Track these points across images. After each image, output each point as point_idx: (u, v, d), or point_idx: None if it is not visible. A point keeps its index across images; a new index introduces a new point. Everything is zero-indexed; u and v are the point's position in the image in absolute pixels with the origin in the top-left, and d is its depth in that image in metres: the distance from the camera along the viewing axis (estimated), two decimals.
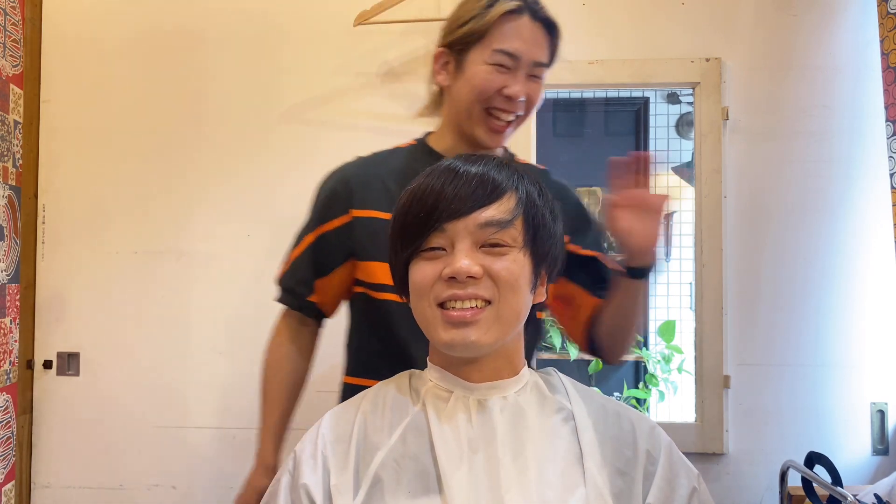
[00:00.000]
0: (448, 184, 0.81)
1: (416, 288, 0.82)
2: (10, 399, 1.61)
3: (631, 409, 0.89)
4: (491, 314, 0.80)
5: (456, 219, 0.79)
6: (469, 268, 0.78)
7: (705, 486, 0.86)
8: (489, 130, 1.05)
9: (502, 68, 1.02)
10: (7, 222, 1.60)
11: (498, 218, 0.80)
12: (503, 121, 1.05)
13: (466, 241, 0.80)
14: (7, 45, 1.61)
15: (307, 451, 0.85)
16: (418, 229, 0.81)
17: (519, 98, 1.01)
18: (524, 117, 1.06)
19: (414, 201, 0.83)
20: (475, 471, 0.78)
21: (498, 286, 0.80)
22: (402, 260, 0.84)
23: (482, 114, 1.04)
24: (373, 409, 0.87)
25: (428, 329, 0.83)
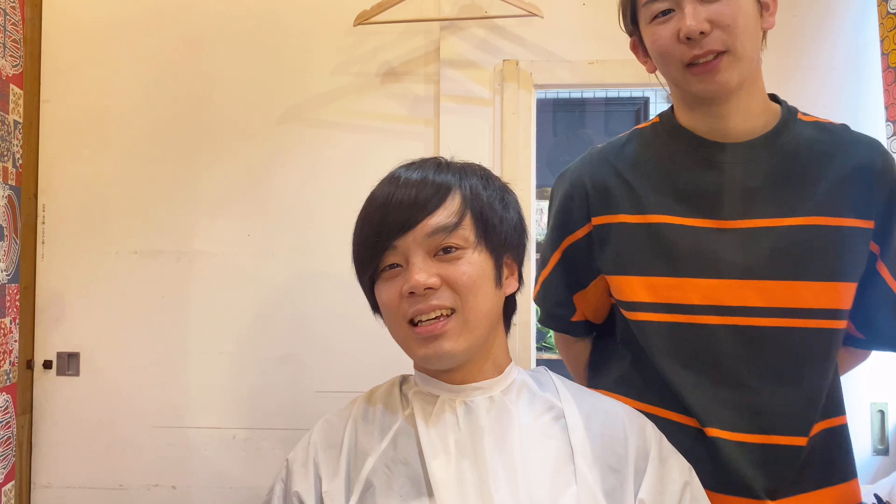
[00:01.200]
0: (391, 198, 0.81)
1: (385, 310, 0.84)
2: (10, 399, 1.61)
3: (622, 406, 0.89)
4: (457, 322, 0.80)
5: (403, 233, 0.80)
6: (425, 280, 0.78)
7: (698, 479, 0.86)
8: (700, 81, 0.87)
9: (662, 17, 0.88)
10: (7, 222, 1.60)
11: (444, 223, 0.80)
12: (702, 62, 0.86)
13: (419, 253, 0.80)
14: (7, 45, 1.61)
15: (298, 458, 0.85)
16: (371, 252, 0.82)
17: (698, 31, 0.83)
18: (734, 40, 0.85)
19: (363, 224, 0.84)
20: (464, 473, 0.78)
21: (458, 293, 0.80)
22: (367, 283, 0.86)
23: (683, 71, 0.88)
24: (363, 415, 0.87)
25: (405, 347, 0.84)
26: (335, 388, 1.67)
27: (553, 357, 3.00)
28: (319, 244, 1.68)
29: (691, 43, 0.85)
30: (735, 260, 0.90)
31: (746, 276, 0.89)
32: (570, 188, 1.03)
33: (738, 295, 0.89)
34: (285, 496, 0.84)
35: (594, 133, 3.32)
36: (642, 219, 0.95)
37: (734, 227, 0.90)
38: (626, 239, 0.96)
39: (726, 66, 0.85)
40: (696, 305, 0.91)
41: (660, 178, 0.95)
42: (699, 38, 0.84)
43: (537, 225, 2.78)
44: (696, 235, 0.92)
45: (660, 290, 0.93)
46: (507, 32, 1.68)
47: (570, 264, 1.05)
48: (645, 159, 0.98)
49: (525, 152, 1.66)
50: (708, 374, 0.92)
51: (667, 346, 0.94)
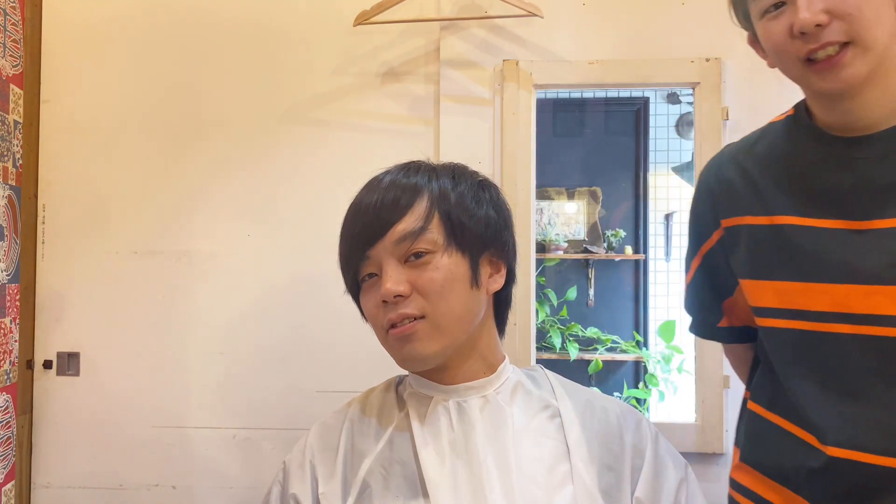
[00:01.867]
0: (360, 206, 0.85)
1: (368, 318, 0.87)
2: (10, 399, 1.62)
3: (617, 403, 0.90)
4: (426, 326, 0.81)
5: (374, 243, 0.82)
6: (393, 288, 0.80)
7: (694, 476, 0.86)
8: (823, 79, 0.78)
9: (775, 10, 0.79)
10: (7, 222, 1.60)
11: (410, 228, 0.80)
12: (822, 57, 0.77)
13: (391, 260, 0.81)
14: (7, 45, 1.61)
15: (295, 461, 0.86)
16: (350, 264, 0.86)
17: (814, 24, 0.74)
18: (860, 28, 0.75)
19: (342, 236, 0.88)
20: (458, 473, 0.78)
21: (427, 298, 0.80)
22: (353, 294, 0.89)
23: (803, 68, 0.79)
24: (360, 416, 0.88)
25: (388, 351, 0.87)
26: (335, 388, 1.67)
27: (553, 357, 3.01)
28: (319, 244, 1.67)
29: (806, 37, 0.76)
30: (866, 264, 0.80)
31: (879, 281, 0.80)
32: (698, 191, 0.99)
33: (869, 302, 0.80)
34: (282, 498, 0.84)
35: (594, 133, 3.32)
36: (769, 220, 0.88)
37: (866, 227, 0.81)
38: (754, 241, 0.90)
39: (852, 60, 0.75)
40: (824, 312, 0.83)
41: (787, 176, 0.88)
42: (816, 30, 0.75)
43: (537, 225, 2.78)
44: (825, 238, 0.84)
45: (786, 296, 0.87)
46: (507, 32, 1.68)
47: (712, 271, 0.99)
48: (773, 156, 0.91)
49: (525, 152, 1.66)
50: (833, 386, 0.83)
51: (791, 354, 0.88)
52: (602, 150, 3.33)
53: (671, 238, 3.32)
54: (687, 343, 2.93)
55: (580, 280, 3.29)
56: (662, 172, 3.33)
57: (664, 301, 3.31)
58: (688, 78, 1.65)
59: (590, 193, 3.35)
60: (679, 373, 2.89)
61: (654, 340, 3.18)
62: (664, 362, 2.97)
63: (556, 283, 3.24)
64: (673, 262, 3.31)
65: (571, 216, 3.34)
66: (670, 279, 3.31)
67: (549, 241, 3.21)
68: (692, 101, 1.69)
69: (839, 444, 0.81)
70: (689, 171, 2.98)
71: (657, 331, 3.09)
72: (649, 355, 3.06)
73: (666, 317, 3.20)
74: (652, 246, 3.29)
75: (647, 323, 3.28)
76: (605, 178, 3.32)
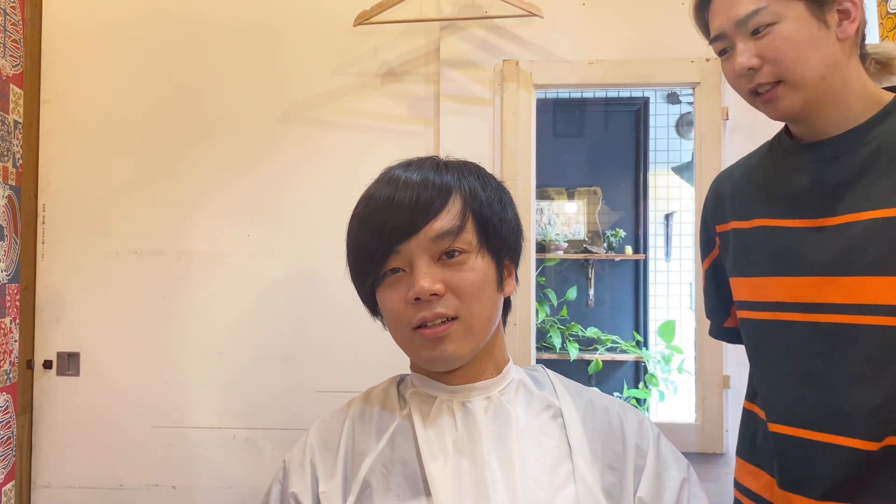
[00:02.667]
0: (392, 200, 0.80)
1: (389, 316, 0.83)
2: (10, 399, 1.62)
3: (619, 403, 0.90)
4: (460, 327, 0.80)
5: (407, 238, 0.78)
6: (430, 286, 0.77)
7: (696, 476, 0.86)
8: (766, 109, 0.92)
9: (725, 54, 0.93)
10: (7, 222, 1.60)
11: (448, 227, 0.79)
12: (762, 92, 0.90)
13: (423, 257, 0.79)
14: (7, 45, 1.61)
15: (295, 460, 0.85)
16: (373, 256, 0.80)
17: (747, 68, 0.88)
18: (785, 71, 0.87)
19: (362, 226, 0.82)
20: (461, 473, 0.78)
21: (461, 299, 0.79)
22: (367, 288, 0.85)
23: (752, 99, 0.93)
24: (360, 415, 0.87)
25: (409, 351, 0.84)
26: (335, 388, 1.67)
27: (553, 357, 3.01)
28: (320, 244, 1.68)
29: (747, 77, 0.90)
30: (817, 258, 0.90)
31: (826, 273, 0.89)
32: (703, 204, 1.12)
33: (818, 292, 0.90)
34: (282, 497, 0.84)
35: (594, 133, 3.32)
36: (749, 224, 1.00)
37: (820, 224, 0.91)
38: (738, 243, 1.02)
39: (784, 95, 0.88)
40: (782, 303, 0.93)
41: (765, 183, 1.00)
42: (750, 73, 0.89)
43: (537, 225, 2.77)
44: (788, 236, 0.94)
45: (756, 290, 0.98)
46: (507, 32, 1.68)
47: (718, 277, 1.11)
48: (757, 167, 1.03)
49: (525, 152, 1.66)
50: (786, 370, 0.93)
51: (756, 342, 1.00)
52: (602, 150, 3.33)
53: (671, 238, 3.32)
54: (687, 343, 2.93)
55: (580, 280, 3.29)
56: (662, 172, 3.33)
57: (664, 301, 3.31)
58: (688, 78, 1.65)
59: (590, 193, 3.35)
60: (679, 373, 2.89)
61: (654, 340, 3.18)
62: (664, 362, 2.97)
63: (556, 283, 3.24)
64: (673, 262, 3.31)
65: (571, 216, 3.34)
66: (670, 279, 3.31)
67: (549, 241, 3.21)
68: (692, 101, 1.69)
69: (781, 421, 0.92)
70: (689, 171, 2.98)
71: (657, 331, 3.09)
72: (649, 355, 3.06)
73: (666, 317, 3.21)
74: (652, 246, 3.29)
75: (647, 323, 3.28)
76: (605, 178, 3.32)
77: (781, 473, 0.92)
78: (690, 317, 2.87)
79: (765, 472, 0.97)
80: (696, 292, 1.68)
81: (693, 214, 1.69)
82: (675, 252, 3.31)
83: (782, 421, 0.92)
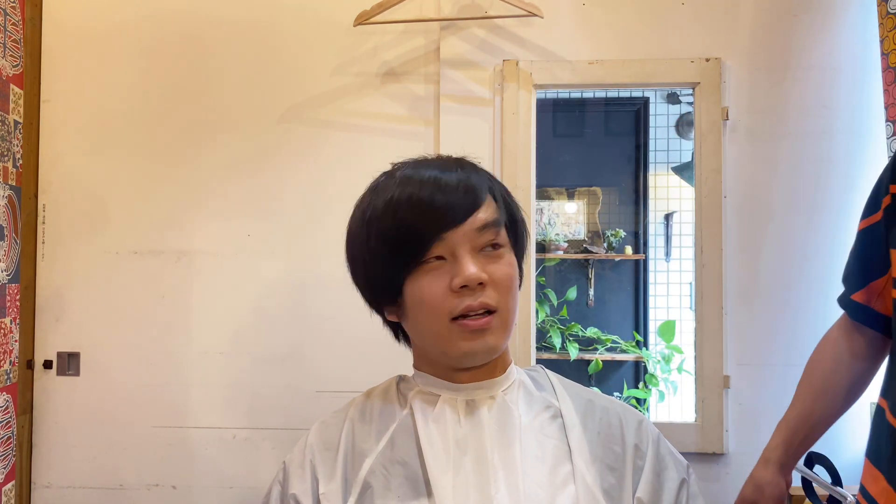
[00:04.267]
0: (437, 192, 0.78)
1: (424, 304, 0.79)
2: (10, 399, 1.62)
3: (618, 403, 0.90)
4: (499, 320, 0.80)
5: (455, 225, 0.78)
6: (478, 274, 0.77)
7: (695, 477, 0.86)
8: None
9: None
10: (7, 222, 1.60)
11: (493, 219, 0.79)
12: None
13: (466, 246, 0.78)
14: (7, 45, 1.61)
15: (295, 461, 0.85)
16: (418, 242, 0.78)
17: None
18: None
19: (403, 213, 0.78)
20: (464, 472, 0.78)
21: (499, 292, 0.79)
22: (397, 275, 0.80)
23: None
24: (360, 416, 0.87)
25: (440, 342, 0.80)
26: (335, 388, 1.67)
27: (553, 357, 3.01)
28: (320, 244, 1.68)
29: None
30: None
31: None
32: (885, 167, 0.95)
33: None
34: (282, 499, 0.84)
35: (594, 133, 3.32)
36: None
37: None
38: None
39: None
40: None
41: None
42: None
43: (537, 225, 2.78)
44: None
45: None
46: (507, 32, 1.68)
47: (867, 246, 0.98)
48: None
49: (525, 152, 1.66)
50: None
51: None
52: (602, 150, 3.33)
53: (671, 238, 3.32)
54: (687, 343, 2.93)
55: (580, 280, 3.29)
56: (662, 172, 3.33)
57: (664, 301, 3.31)
58: (688, 78, 1.65)
59: (590, 193, 3.35)
60: (679, 373, 2.90)
61: (654, 340, 3.18)
62: (664, 362, 2.97)
63: (556, 283, 3.24)
64: (673, 262, 3.31)
65: (571, 216, 3.34)
66: (670, 279, 3.31)
67: (549, 241, 3.22)
68: (692, 101, 1.69)
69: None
70: (689, 171, 2.98)
71: (657, 331, 3.10)
72: (649, 355, 3.06)
73: (666, 317, 3.21)
74: (652, 246, 3.29)
75: (647, 323, 3.28)
76: (605, 178, 3.33)
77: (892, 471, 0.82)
78: (690, 317, 2.87)
79: (883, 474, 0.89)
80: (696, 292, 1.68)
81: (693, 214, 1.69)
82: (675, 252, 3.31)
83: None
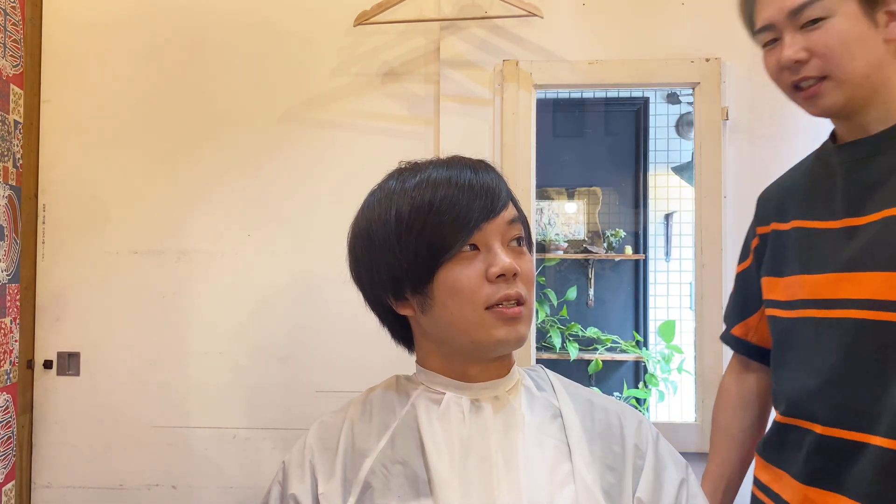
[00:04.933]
0: (475, 184, 0.81)
1: (459, 293, 0.79)
2: (10, 399, 1.62)
3: (618, 403, 0.90)
4: (526, 312, 0.82)
5: (491, 216, 0.80)
6: (514, 265, 0.80)
7: (695, 477, 0.86)
8: (806, 105, 0.92)
9: (771, 44, 0.92)
10: (7, 222, 1.60)
11: (517, 215, 0.84)
12: (805, 87, 0.90)
13: (498, 238, 0.81)
14: (7, 45, 1.61)
15: (295, 460, 0.85)
16: (458, 230, 0.79)
17: (795, 59, 0.88)
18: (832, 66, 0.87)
19: (439, 203, 0.79)
20: (468, 471, 0.78)
21: (526, 285, 0.82)
22: (431, 265, 0.80)
23: (793, 93, 0.93)
24: (360, 415, 0.87)
25: (472, 330, 0.80)
26: (335, 388, 1.67)
27: (553, 357, 3.01)
28: (320, 243, 1.68)
29: (791, 70, 0.89)
30: (840, 255, 0.91)
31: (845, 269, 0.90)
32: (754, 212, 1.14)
33: (836, 288, 0.90)
34: (282, 499, 0.84)
35: (594, 133, 3.32)
36: (787, 225, 1.02)
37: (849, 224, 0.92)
38: (777, 243, 1.04)
39: (827, 91, 0.88)
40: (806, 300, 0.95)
41: (806, 185, 1.01)
42: (796, 66, 0.89)
43: (537, 225, 2.77)
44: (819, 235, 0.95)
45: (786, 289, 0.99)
46: (507, 32, 1.68)
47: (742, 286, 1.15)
48: (803, 172, 1.05)
49: (525, 152, 1.66)
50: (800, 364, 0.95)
51: (779, 340, 1.01)
52: (602, 150, 3.33)
53: (671, 238, 3.32)
54: (687, 343, 2.93)
55: (580, 280, 3.29)
56: (662, 172, 3.33)
57: (664, 301, 3.31)
58: (688, 78, 1.65)
59: (590, 193, 3.35)
60: (679, 373, 2.89)
61: (654, 340, 3.18)
62: (664, 362, 2.97)
63: (556, 283, 3.24)
64: (673, 262, 3.31)
65: (571, 216, 3.34)
66: (670, 279, 3.31)
67: (549, 241, 3.22)
68: (692, 101, 1.69)
69: (795, 415, 0.95)
70: (689, 171, 2.98)
71: (657, 331, 3.10)
72: (649, 355, 3.06)
73: (666, 317, 3.21)
74: (652, 246, 3.29)
75: (647, 323, 3.28)
76: (605, 178, 3.32)
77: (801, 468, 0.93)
78: (690, 317, 2.87)
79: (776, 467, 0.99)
80: (696, 292, 1.68)
81: (693, 214, 1.69)
82: (674, 252, 3.31)
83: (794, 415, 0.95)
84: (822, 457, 0.91)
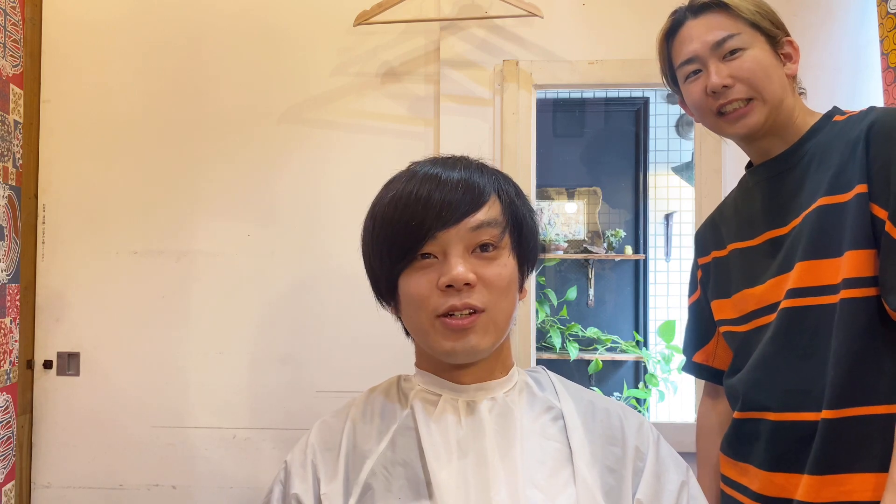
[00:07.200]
0: (434, 191, 0.80)
1: (412, 300, 0.81)
2: (10, 399, 1.61)
3: (619, 405, 0.90)
4: (486, 319, 0.80)
5: (449, 224, 0.79)
6: (465, 275, 0.78)
7: (695, 479, 0.86)
8: (731, 126, 1.03)
9: (695, 75, 1.04)
10: (7, 222, 1.60)
11: (489, 219, 0.80)
12: (730, 110, 1.02)
13: (458, 246, 0.79)
14: (7, 45, 1.61)
15: (297, 460, 0.85)
16: (410, 239, 0.80)
17: (723, 84, 0.99)
18: (757, 90, 0.99)
19: (399, 210, 0.81)
20: (464, 472, 0.78)
21: (490, 292, 0.80)
22: (392, 270, 0.82)
23: (715, 119, 1.04)
24: (362, 416, 0.87)
25: (426, 339, 0.82)
26: (335, 388, 1.67)
27: (553, 357, 3.01)
28: (319, 244, 1.68)
29: (716, 95, 1.01)
30: (774, 263, 1.01)
31: (780, 272, 1.00)
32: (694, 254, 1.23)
33: (777, 290, 1.00)
34: (284, 498, 0.84)
35: (594, 133, 3.32)
36: (724, 252, 1.12)
37: (777, 234, 1.03)
38: (718, 269, 1.14)
39: (754, 110, 1.00)
40: (755, 310, 1.04)
41: (733, 214, 1.13)
42: (724, 91, 1.00)
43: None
44: (755, 251, 1.06)
45: (735, 306, 1.09)
46: (507, 32, 1.68)
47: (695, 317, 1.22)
48: (729, 203, 1.16)
49: (525, 152, 1.66)
50: (750, 364, 1.03)
51: (737, 352, 1.09)
52: (602, 150, 3.33)
53: (671, 238, 3.32)
54: None
55: (580, 280, 3.29)
56: (662, 172, 3.33)
57: (664, 301, 3.31)
58: None
59: (590, 193, 3.35)
60: (679, 373, 2.89)
61: (654, 340, 3.18)
62: (664, 362, 2.97)
63: (556, 283, 3.24)
64: (673, 262, 3.31)
65: (571, 216, 3.34)
66: (670, 279, 3.31)
67: (549, 241, 3.21)
68: None
69: (749, 408, 1.03)
70: (689, 171, 2.98)
71: (657, 331, 3.09)
72: (649, 355, 3.06)
73: (666, 317, 3.20)
74: (652, 246, 3.29)
75: (647, 323, 3.28)
76: (605, 178, 3.32)
77: (760, 456, 1.00)
78: None
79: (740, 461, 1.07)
80: None
81: (693, 214, 1.69)
82: (674, 252, 3.31)
83: (750, 408, 1.03)
84: (780, 442, 0.98)
